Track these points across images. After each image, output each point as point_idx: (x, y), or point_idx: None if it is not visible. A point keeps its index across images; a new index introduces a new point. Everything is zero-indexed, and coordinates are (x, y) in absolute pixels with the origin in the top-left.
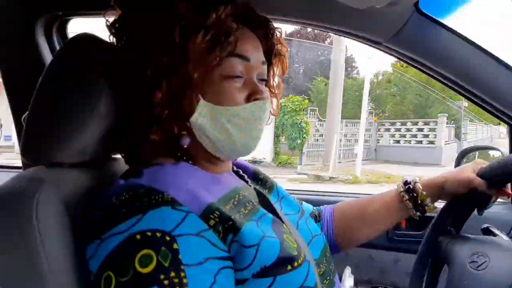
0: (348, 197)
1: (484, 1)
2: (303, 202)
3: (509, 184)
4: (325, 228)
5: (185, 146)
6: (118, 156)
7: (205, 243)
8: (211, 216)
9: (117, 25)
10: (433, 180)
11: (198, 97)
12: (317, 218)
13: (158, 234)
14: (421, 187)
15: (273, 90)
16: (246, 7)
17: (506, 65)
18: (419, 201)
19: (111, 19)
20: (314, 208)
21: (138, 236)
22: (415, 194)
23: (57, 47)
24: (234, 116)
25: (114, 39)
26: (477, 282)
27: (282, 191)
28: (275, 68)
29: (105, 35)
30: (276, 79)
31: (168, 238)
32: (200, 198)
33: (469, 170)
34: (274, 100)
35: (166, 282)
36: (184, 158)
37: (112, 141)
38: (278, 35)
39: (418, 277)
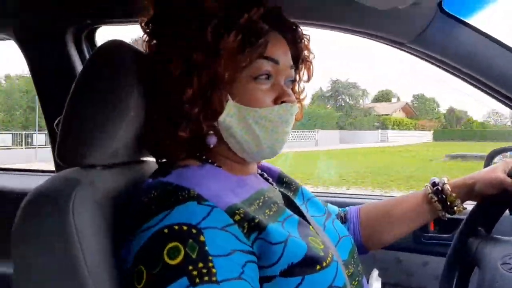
0: (374, 199)
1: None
2: (328, 204)
3: None
4: (352, 228)
5: (211, 146)
6: (148, 158)
7: (231, 237)
8: (237, 211)
9: (151, 25)
10: (462, 181)
11: (227, 97)
12: (343, 219)
13: (185, 227)
14: (450, 188)
15: (298, 96)
16: (277, 11)
17: None
18: (448, 203)
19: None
20: (340, 209)
21: (165, 230)
22: (443, 196)
23: (87, 56)
24: (262, 118)
25: (147, 39)
26: (510, 284)
27: (308, 193)
28: (301, 74)
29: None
30: (302, 84)
31: (194, 231)
32: (225, 198)
33: (500, 170)
34: (299, 105)
35: (194, 272)
36: (209, 160)
37: (142, 143)
38: (306, 42)
39: (448, 278)
